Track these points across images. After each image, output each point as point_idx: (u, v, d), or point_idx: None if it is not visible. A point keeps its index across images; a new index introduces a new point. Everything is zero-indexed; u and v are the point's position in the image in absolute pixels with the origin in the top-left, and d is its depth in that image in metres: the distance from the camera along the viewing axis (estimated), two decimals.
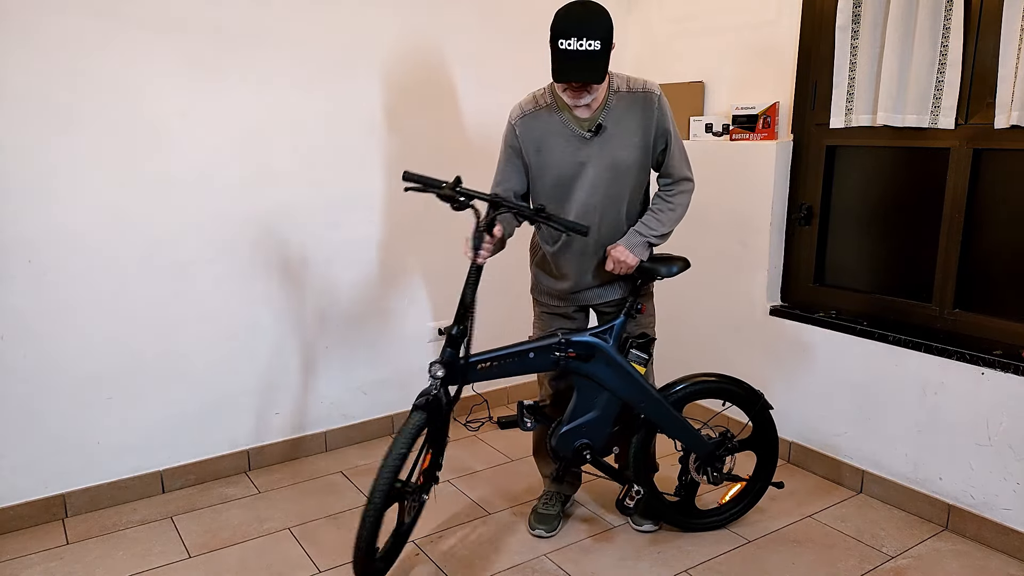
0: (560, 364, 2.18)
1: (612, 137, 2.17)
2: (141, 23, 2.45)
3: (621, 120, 2.17)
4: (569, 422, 2.29)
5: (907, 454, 2.61)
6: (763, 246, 2.97)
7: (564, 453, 2.31)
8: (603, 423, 2.29)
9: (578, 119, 2.16)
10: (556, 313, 2.41)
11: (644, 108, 2.17)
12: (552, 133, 2.18)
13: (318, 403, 3.07)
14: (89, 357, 2.54)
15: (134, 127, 2.49)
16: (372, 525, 1.94)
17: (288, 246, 2.87)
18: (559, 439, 2.30)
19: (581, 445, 2.30)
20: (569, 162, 2.18)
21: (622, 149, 2.18)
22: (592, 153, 2.17)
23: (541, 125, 2.18)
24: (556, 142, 2.17)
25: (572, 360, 2.18)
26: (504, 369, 2.17)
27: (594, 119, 2.16)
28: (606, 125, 2.16)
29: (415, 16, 2.99)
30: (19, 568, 2.31)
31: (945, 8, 2.38)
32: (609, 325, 2.25)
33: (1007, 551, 2.37)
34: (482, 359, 2.14)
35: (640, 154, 2.20)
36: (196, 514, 2.62)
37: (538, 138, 2.18)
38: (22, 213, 2.36)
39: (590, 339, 2.19)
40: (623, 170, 2.20)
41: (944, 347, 2.45)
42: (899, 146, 2.63)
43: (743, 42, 3.01)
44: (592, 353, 2.19)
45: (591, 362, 2.20)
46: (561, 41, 1.96)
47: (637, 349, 2.27)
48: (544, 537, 2.47)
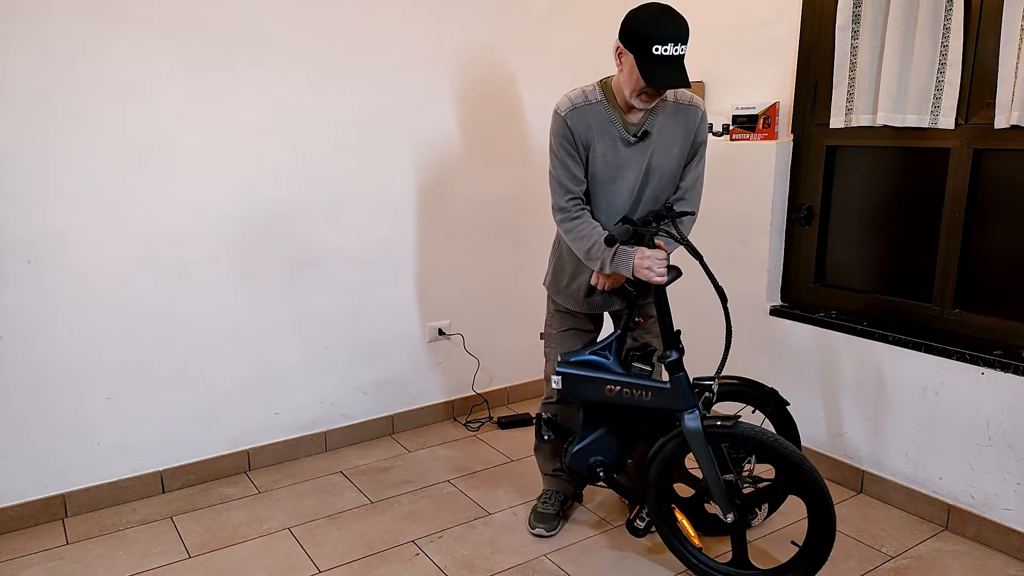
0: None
1: (653, 144, 2.17)
2: (140, 22, 2.45)
3: (664, 128, 2.17)
4: (580, 440, 2.29)
5: (907, 454, 2.61)
6: (763, 246, 2.97)
7: (578, 470, 2.32)
8: (613, 438, 2.29)
9: (627, 122, 2.15)
10: (568, 312, 2.41)
11: (687, 120, 2.19)
12: (598, 131, 2.16)
13: (318, 403, 3.07)
14: (89, 357, 2.54)
15: (134, 127, 2.49)
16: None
17: (288, 246, 2.87)
18: (572, 457, 2.31)
19: (595, 462, 2.29)
20: (610, 163, 2.17)
21: (660, 156, 2.18)
22: (632, 158, 2.17)
23: (589, 120, 2.15)
24: (603, 140, 2.16)
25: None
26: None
27: (640, 124, 2.16)
28: (651, 131, 2.16)
29: (415, 15, 2.99)
30: (19, 568, 2.31)
31: (945, 8, 2.38)
32: (608, 341, 2.24)
33: (1007, 551, 2.37)
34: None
35: (675, 165, 2.21)
36: (196, 514, 2.62)
37: (585, 133, 2.16)
38: (22, 213, 2.37)
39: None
40: (657, 178, 2.20)
41: (944, 347, 2.45)
42: (899, 146, 2.62)
43: (743, 42, 3.01)
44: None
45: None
46: (657, 47, 1.94)
47: (639, 362, 2.25)
48: (544, 536, 2.47)
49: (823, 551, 2.06)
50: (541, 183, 3.45)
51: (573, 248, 2.23)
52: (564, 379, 2.21)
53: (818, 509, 2.03)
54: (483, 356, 3.47)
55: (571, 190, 2.19)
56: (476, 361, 3.45)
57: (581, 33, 3.45)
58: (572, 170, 2.18)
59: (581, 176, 2.19)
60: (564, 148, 2.17)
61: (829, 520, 2.03)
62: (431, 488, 2.81)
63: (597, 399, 2.20)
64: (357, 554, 2.38)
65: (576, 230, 2.18)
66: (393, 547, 2.42)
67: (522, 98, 3.34)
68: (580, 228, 2.17)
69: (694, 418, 2.09)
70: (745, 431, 2.07)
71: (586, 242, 2.16)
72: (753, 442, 2.09)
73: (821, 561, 2.07)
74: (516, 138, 3.36)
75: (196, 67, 2.56)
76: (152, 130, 2.53)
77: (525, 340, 3.59)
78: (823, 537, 2.04)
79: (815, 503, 2.04)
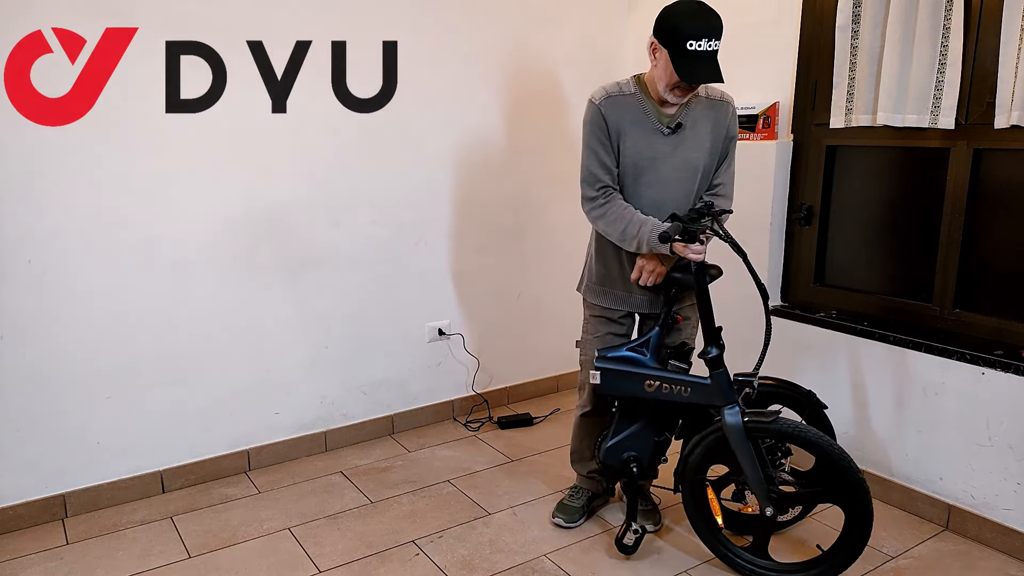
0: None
1: (687, 138, 2.20)
2: (139, 22, 2.44)
3: (697, 122, 2.20)
4: (615, 435, 2.29)
5: (907, 454, 2.61)
6: (763, 246, 2.97)
7: (612, 464, 2.32)
8: (648, 433, 2.29)
9: (661, 113, 2.18)
10: (604, 317, 2.40)
11: (718, 115, 2.23)
12: (633, 122, 2.18)
13: (318, 403, 3.07)
14: (89, 357, 2.54)
15: (134, 126, 2.49)
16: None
17: (288, 246, 2.87)
18: (606, 452, 2.31)
19: (628, 457, 2.29)
20: (644, 155, 2.19)
21: (693, 150, 2.21)
22: (666, 150, 2.19)
23: (623, 111, 2.18)
24: (636, 131, 2.18)
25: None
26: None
27: (675, 117, 2.19)
28: (685, 124, 2.19)
29: (417, 15, 2.99)
30: (19, 568, 2.30)
31: (945, 8, 2.38)
32: (645, 338, 2.24)
33: (1007, 551, 2.37)
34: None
35: (708, 159, 2.24)
36: (196, 514, 2.62)
37: (618, 123, 2.18)
38: (22, 213, 2.36)
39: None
40: (691, 171, 2.22)
41: (944, 347, 2.45)
42: (899, 146, 2.62)
43: (743, 42, 3.01)
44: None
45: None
46: (691, 42, 1.99)
47: (675, 359, 2.26)
48: (563, 527, 2.51)
49: (856, 549, 2.08)
50: (542, 183, 3.46)
51: (608, 233, 2.23)
52: (603, 374, 2.21)
53: (856, 506, 2.05)
54: (483, 356, 3.47)
55: (601, 179, 2.21)
56: (476, 361, 3.45)
57: (586, 34, 3.45)
58: (603, 159, 2.20)
59: (612, 165, 2.21)
60: (596, 136, 2.20)
61: (867, 517, 2.05)
62: (431, 488, 2.81)
63: (635, 394, 2.21)
64: (357, 554, 2.38)
65: (609, 214, 2.20)
66: (393, 547, 2.42)
67: (524, 98, 3.34)
68: (612, 211, 2.20)
69: (734, 413, 2.10)
70: (786, 427, 2.09)
71: (621, 223, 2.18)
72: (794, 437, 2.10)
73: (852, 559, 2.09)
74: (518, 138, 3.36)
75: (196, 66, 2.56)
76: (152, 129, 2.52)
77: (525, 340, 3.59)
78: (860, 532, 2.06)
79: (854, 501, 2.05)
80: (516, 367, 3.61)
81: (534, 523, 2.56)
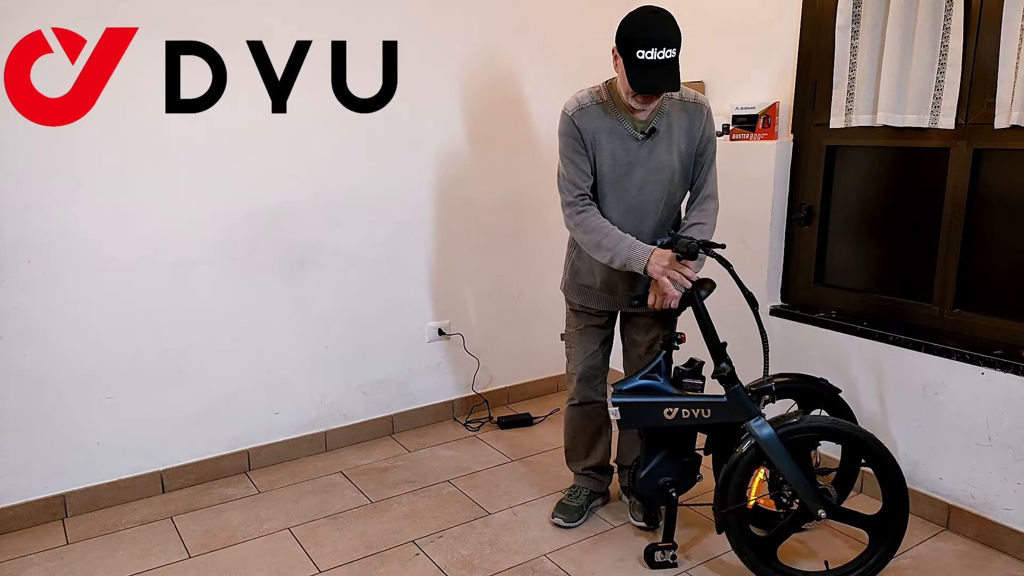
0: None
1: (661, 142, 2.21)
2: (139, 22, 2.44)
3: (672, 126, 2.21)
4: (646, 465, 2.27)
5: (907, 454, 2.61)
6: (763, 246, 2.97)
7: (650, 495, 2.31)
8: (678, 455, 2.28)
9: (634, 120, 2.19)
10: (584, 311, 2.46)
11: (692, 118, 2.23)
12: (606, 131, 2.20)
13: (318, 403, 3.07)
14: (89, 357, 2.54)
15: (134, 126, 2.49)
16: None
17: (288, 246, 2.87)
18: (640, 483, 2.29)
19: (665, 483, 2.27)
20: (621, 161, 2.21)
21: (668, 154, 2.22)
22: (641, 156, 2.21)
23: (597, 120, 2.20)
24: (610, 139, 2.20)
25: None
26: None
27: (648, 122, 2.19)
28: (659, 129, 2.20)
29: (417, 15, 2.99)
30: (19, 568, 2.31)
31: (945, 8, 2.38)
32: (656, 362, 2.21)
33: (1007, 551, 2.37)
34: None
35: (684, 162, 2.25)
36: (196, 514, 2.62)
37: (593, 132, 2.20)
38: (22, 213, 2.36)
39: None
40: (667, 174, 2.24)
41: (944, 347, 2.45)
42: (899, 146, 2.62)
43: (743, 42, 3.01)
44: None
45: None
46: (640, 52, 1.98)
47: (689, 378, 2.24)
48: (562, 527, 2.51)
49: (900, 527, 2.13)
50: (541, 184, 3.45)
51: (581, 242, 2.27)
52: (622, 409, 2.19)
53: (892, 484, 2.10)
54: (483, 356, 3.47)
55: (579, 186, 2.24)
56: (476, 361, 3.45)
57: (584, 33, 3.45)
58: (580, 166, 2.23)
59: (589, 172, 2.24)
60: (571, 147, 2.22)
61: (903, 496, 2.10)
62: (431, 488, 2.81)
63: (657, 424, 2.20)
64: (357, 554, 2.38)
65: (585, 224, 2.23)
66: (393, 547, 2.42)
67: (524, 99, 3.34)
68: (588, 221, 2.22)
69: (762, 425, 2.08)
70: (818, 423, 2.09)
71: (595, 235, 2.20)
72: (829, 431, 2.11)
73: (900, 535, 2.14)
74: (517, 138, 3.36)
75: (196, 66, 2.56)
76: (152, 129, 2.52)
77: (525, 340, 3.59)
78: (898, 513, 2.12)
79: (890, 479, 2.10)
80: (516, 367, 3.61)
81: (534, 523, 2.56)
